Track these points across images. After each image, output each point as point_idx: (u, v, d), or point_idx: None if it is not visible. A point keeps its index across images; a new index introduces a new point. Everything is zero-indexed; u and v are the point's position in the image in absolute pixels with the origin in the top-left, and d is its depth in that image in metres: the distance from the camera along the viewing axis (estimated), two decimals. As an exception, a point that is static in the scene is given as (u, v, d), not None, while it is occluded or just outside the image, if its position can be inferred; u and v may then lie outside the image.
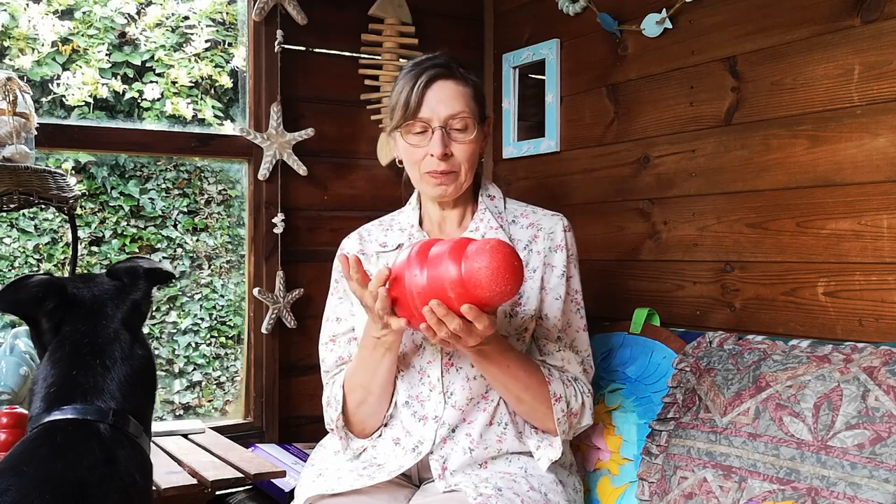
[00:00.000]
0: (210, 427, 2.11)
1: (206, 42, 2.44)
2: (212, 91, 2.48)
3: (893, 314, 1.55)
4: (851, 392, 1.34)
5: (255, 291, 2.21)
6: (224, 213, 2.59)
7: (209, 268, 2.58)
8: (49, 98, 2.24)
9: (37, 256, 2.41)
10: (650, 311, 1.82)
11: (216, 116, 2.46)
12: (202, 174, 2.57)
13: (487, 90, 2.51)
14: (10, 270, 2.39)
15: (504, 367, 1.38)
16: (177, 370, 2.53)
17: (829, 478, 1.29)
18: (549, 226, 1.54)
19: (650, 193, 2.04)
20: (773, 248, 1.76)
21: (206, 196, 2.57)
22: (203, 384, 2.56)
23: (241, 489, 1.90)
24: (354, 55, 2.38)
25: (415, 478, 1.51)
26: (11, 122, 1.66)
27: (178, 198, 2.55)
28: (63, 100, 2.26)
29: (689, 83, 1.94)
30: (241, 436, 2.16)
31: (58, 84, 2.24)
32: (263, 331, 2.22)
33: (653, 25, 1.99)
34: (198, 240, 2.56)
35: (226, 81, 2.47)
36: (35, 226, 2.42)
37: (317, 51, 2.34)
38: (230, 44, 2.46)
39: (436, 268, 1.21)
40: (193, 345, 2.55)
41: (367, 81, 2.37)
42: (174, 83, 2.41)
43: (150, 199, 2.50)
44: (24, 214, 2.38)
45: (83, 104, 2.29)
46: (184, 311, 2.54)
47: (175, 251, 2.55)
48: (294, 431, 2.28)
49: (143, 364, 1.31)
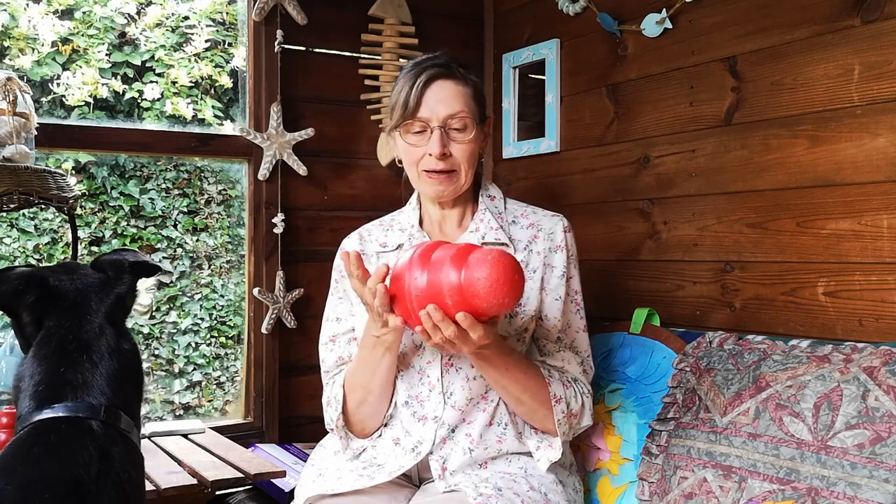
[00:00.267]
0: (210, 427, 2.11)
1: (206, 42, 2.43)
2: (212, 91, 2.48)
3: (893, 314, 1.55)
4: (851, 392, 1.34)
5: (255, 291, 2.21)
6: (224, 213, 2.59)
7: (209, 268, 2.58)
8: (49, 98, 2.24)
9: (37, 256, 2.41)
10: (650, 311, 1.82)
11: (216, 116, 2.46)
12: (202, 174, 2.57)
13: (487, 90, 2.51)
14: (10, 271, 2.38)
15: (503, 370, 1.38)
16: (177, 370, 2.53)
17: (829, 478, 1.29)
18: (549, 226, 1.54)
19: (650, 193, 2.04)
20: (773, 248, 1.76)
21: (206, 196, 2.57)
22: (203, 384, 2.56)
23: (241, 489, 1.90)
24: (354, 55, 2.38)
25: (415, 478, 1.51)
26: (11, 122, 1.66)
27: (178, 198, 2.55)
28: (63, 100, 2.26)
29: (689, 83, 1.94)
30: (241, 436, 2.16)
31: (58, 84, 2.24)
32: (263, 331, 2.22)
33: (653, 25, 1.99)
34: (198, 240, 2.56)
35: (226, 81, 2.47)
36: (35, 226, 2.42)
37: (317, 51, 2.34)
38: (230, 44, 2.46)
39: (436, 272, 1.20)
40: (193, 345, 2.55)
41: (367, 81, 2.37)
42: (174, 83, 2.41)
43: (150, 199, 2.50)
44: (24, 214, 2.38)
45: (83, 104, 2.29)
46: (184, 311, 2.54)
47: (175, 251, 2.55)
48: (294, 431, 2.28)
49: (130, 358, 1.31)
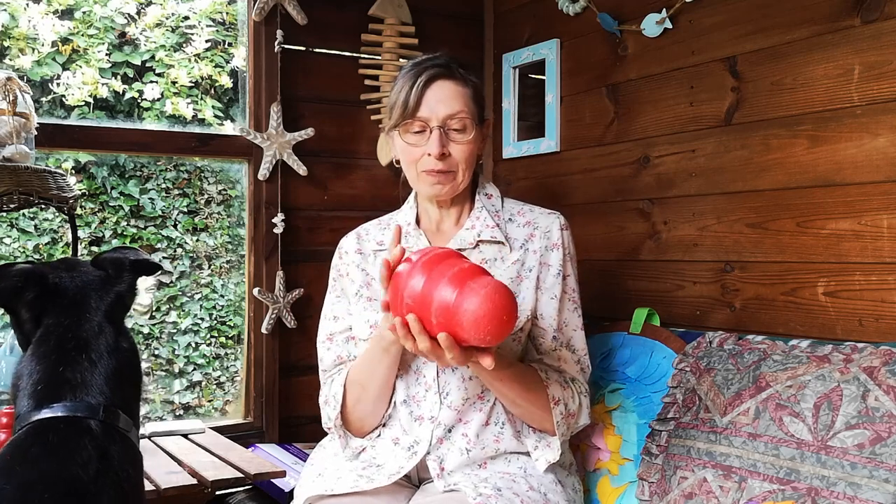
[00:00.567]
0: (210, 427, 2.11)
1: (206, 42, 2.43)
2: (212, 91, 2.48)
3: (893, 314, 1.55)
4: (851, 392, 1.34)
5: (255, 291, 2.21)
6: (224, 213, 2.59)
7: (209, 268, 2.58)
8: (49, 98, 2.24)
9: (37, 256, 2.41)
10: (650, 311, 1.82)
11: (216, 116, 2.46)
12: (202, 174, 2.57)
13: (487, 90, 2.51)
14: (10, 270, 2.38)
15: (498, 378, 1.38)
16: (177, 370, 2.53)
17: (829, 478, 1.29)
18: (546, 224, 1.54)
19: (650, 193, 2.04)
20: (773, 248, 1.76)
21: (206, 196, 2.57)
22: (203, 384, 2.56)
23: (241, 489, 1.90)
24: (354, 55, 2.38)
25: (414, 478, 1.51)
26: (11, 122, 1.66)
27: (178, 198, 2.55)
28: (63, 100, 2.26)
29: (689, 83, 1.94)
30: (241, 436, 2.16)
31: (58, 84, 2.24)
32: (263, 331, 2.22)
33: (653, 25, 1.99)
34: (198, 240, 2.56)
35: (226, 81, 2.47)
36: (35, 226, 2.42)
37: (317, 51, 2.34)
38: (230, 44, 2.46)
39: (433, 284, 1.19)
40: (193, 345, 2.55)
41: (367, 81, 2.37)
42: (174, 83, 2.41)
43: (150, 199, 2.50)
44: (24, 214, 2.38)
45: (83, 104, 2.29)
46: (184, 311, 2.54)
47: (175, 251, 2.55)
48: (294, 431, 2.28)
49: (129, 357, 1.30)
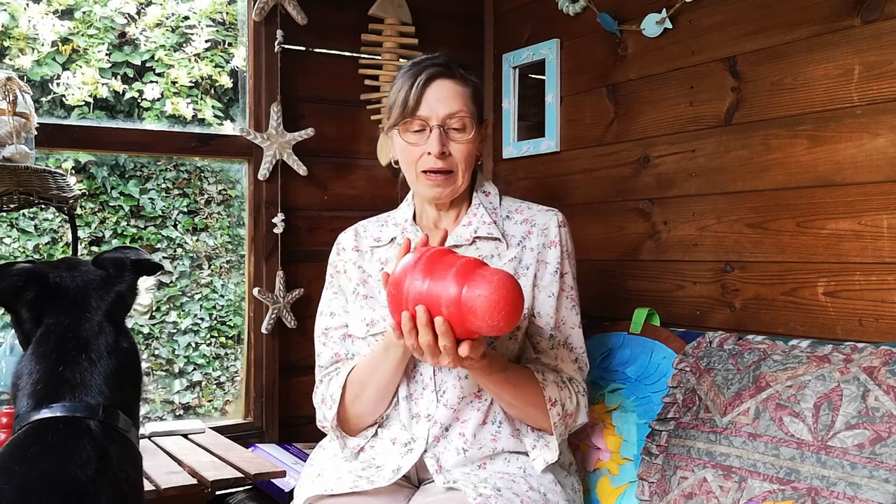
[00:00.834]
0: (210, 427, 2.12)
1: (206, 42, 2.43)
2: (212, 91, 2.48)
3: (893, 314, 1.55)
4: (851, 392, 1.34)
5: (255, 291, 2.21)
6: (224, 213, 2.59)
7: (209, 268, 2.58)
8: (49, 98, 2.24)
9: (37, 256, 2.41)
10: (650, 311, 1.82)
11: (216, 116, 2.46)
12: (202, 174, 2.57)
13: (487, 90, 2.51)
14: (10, 270, 2.38)
15: (493, 381, 1.38)
16: (177, 370, 2.53)
17: (829, 478, 1.29)
18: (544, 222, 1.54)
19: (650, 193, 2.04)
20: (773, 248, 1.76)
21: (206, 196, 2.57)
22: (203, 384, 2.56)
23: (241, 489, 1.90)
24: (354, 55, 2.38)
25: (414, 478, 1.51)
26: (11, 122, 1.66)
27: (178, 198, 2.55)
28: (63, 100, 2.26)
29: (689, 83, 1.94)
30: (241, 436, 2.16)
31: (58, 84, 2.24)
32: (263, 331, 2.22)
33: (653, 25, 1.99)
34: (198, 240, 2.56)
35: (226, 81, 2.47)
36: (35, 226, 2.42)
37: (317, 51, 2.34)
38: (230, 44, 2.46)
39: (439, 281, 1.19)
40: (193, 345, 2.55)
41: (367, 81, 2.37)
42: (174, 83, 2.41)
43: (150, 199, 2.50)
44: (24, 214, 2.38)
45: (83, 104, 2.29)
46: (184, 311, 2.54)
47: (175, 251, 2.55)
48: (294, 431, 2.28)
49: (129, 357, 1.30)
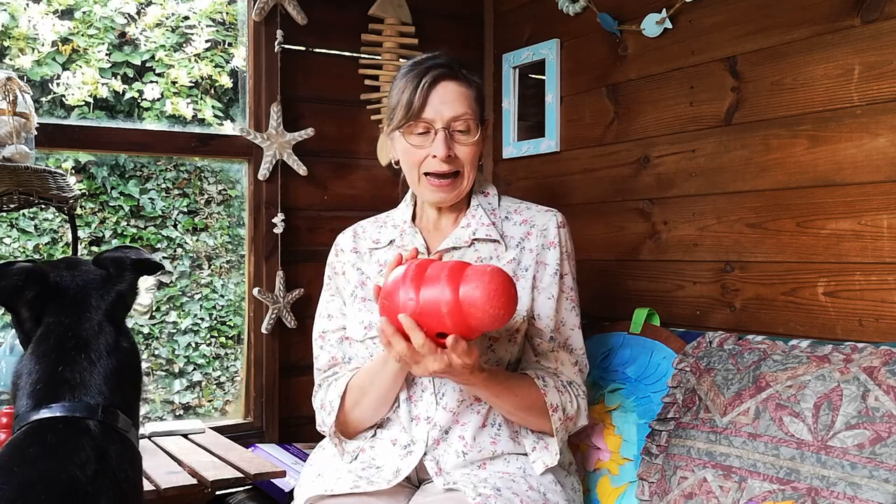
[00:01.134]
0: (210, 427, 2.12)
1: (206, 42, 2.43)
2: (212, 91, 2.48)
3: (893, 314, 1.55)
4: (851, 392, 1.34)
5: (255, 291, 2.21)
6: (224, 213, 2.59)
7: (209, 268, 2.58)
8: (49, 98, 2.24)
9: (37, 256, 2.41)
10: (650, 311, 1.82)
11: (216, 116, 2.46)
12: (202, 174, 2.57)
13: (487, 90, 2.51)
14: (10, 270, 2.37)
15: (495, 392, 1.38)
16: (177, 370, 2.53)
17: (829, 478, 1.29)
18: (543, 222, 1.53)
19: (650, 193, 2.04)
20: (773, 248, 1.76)
21: (206, 196, 2.57)
22: (203, 384, 2.56)
23: (241, 489, 1.90)
24: (354, 55, 2.38)
25: (414, 478, 1.51)
26: (11, 122, 1.66)
27: (178, 198, 2.55)
28: (63, 100, 2.26)
29: (689, 83, 1.94)
30: (241, 436, 2.16)
31: (58, 84, 2.24)
32: (263, 331, 2.22)
33: (653, 25, 1.99)
34: (198, 240, 2.56)
35: (226, 81, 2.47)
36: (35, 226, 2.42)
37: (317, 51, 2.34)
38: (230, 44, 2.46)
39: (431, 288, 1.20)
40: (193, 345, 2.55)
41: (367, 81, 2.37)
42: (174, 83, 2.41)
43: (150, 199, 2.50)
44: (24, 214, 2.38)
45: (83, 104, 2.29)
46: (184, 311, 2.54)
47: (175, 251, 2.55)
48: (294, 431, 2.28)
49: (129, 357, 1.30)
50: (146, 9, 2.37)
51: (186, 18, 2.43)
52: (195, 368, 2.55)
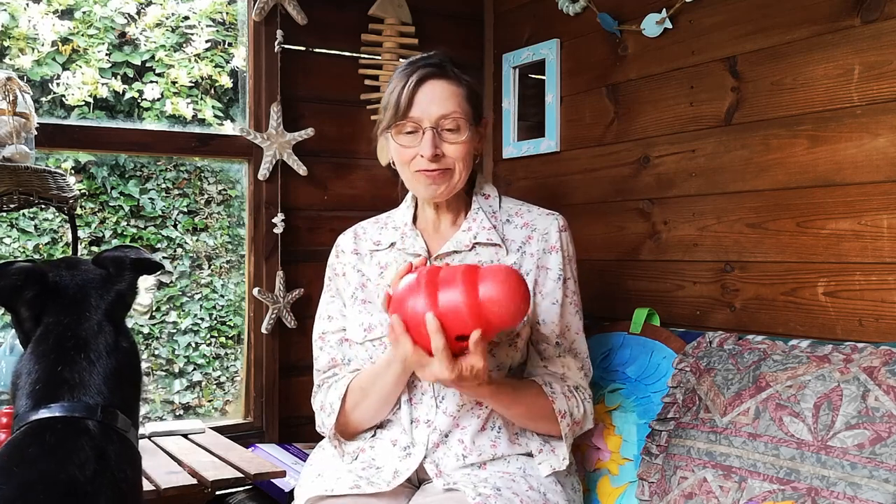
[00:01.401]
0: (210, 427, 2.11)
1: (206, 42, 2.44)
2: (212, 91, 2.48)
3: (893, 314, 1.55)
4: (851, 392, 1.34)
5: (255, 291, 2.21)
6: (224, 213, 2.59)
7: (209, 268, 2.58)
8: (49, 98, 2.24)
9: (37, 256, 2.41)
10: (650, 311, 1.82)
11: (216, 116, 2.46)
12: (202, 174, 2.57)
13: (487, 90, 2.51)
14: (10, 270, 2.38)
15: (504, 403, 1.39)
16: (177, 370, 2.53)
17: (829, 478, 1.29)
18: (544, 226, 1.53)
19: (650, 193, 2.04)
20: (773, 248, 1.76)
21: (206, 196, 2.57)
22: (203, 384, 2.56)
23: (241, 489, 1.90)
24: (354, 55, 2.38)
25: (414, 479, 1.51)
26: (11, 122, 1.66)
27: (178, 198, 2.55)
28: (63, 100, 2.26)
29: (689, 83, 1.94)
30: (241, 436, 2.16)
31: (58, 84, 2.24)
32: (263, 331, 2.22)
33: (653, 25, 1.99)
34: (198, 240, 2.56)
35: (226, 81, 2.47)
36: (35, 226, 2.42)
37: (317, 51, 2.34)
38: (230, 44, 2.46)
39: (448, 291, 1.22)
40: (193, 345, 2.55)
41: (367, 81, 2.37)
42: (174, 83, 2.41)
43: (150, 199, 2.50)
44: (24, 214, 2.38)
45: (83, 104, 2.29)
46: (184, 311, 2.54)
47: (175, 251, 2.55)
48: (294, 431, 2.28)
49: (128, 357, 1.29)
50: (146, 9, 2.37)
51: (186, 18, 2.43)
52: (195, 368, 2.55)
